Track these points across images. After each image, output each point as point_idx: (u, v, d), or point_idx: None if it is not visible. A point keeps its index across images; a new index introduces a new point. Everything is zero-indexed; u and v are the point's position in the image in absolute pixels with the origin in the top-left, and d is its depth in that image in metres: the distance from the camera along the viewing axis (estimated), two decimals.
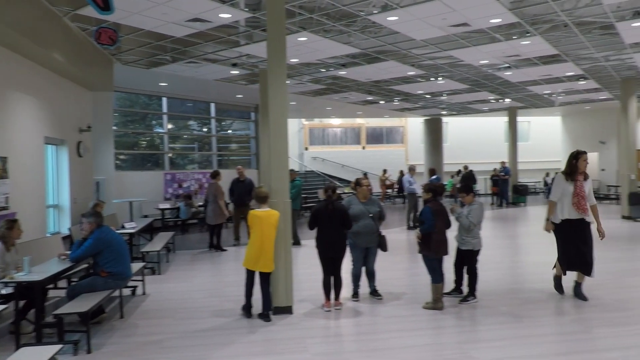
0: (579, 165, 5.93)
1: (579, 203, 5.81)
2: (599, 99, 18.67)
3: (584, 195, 5.84)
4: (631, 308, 5.73)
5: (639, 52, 11.06)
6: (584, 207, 5.82)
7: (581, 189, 5.84)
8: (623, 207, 14.46)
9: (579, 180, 5.88)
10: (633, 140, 14.58)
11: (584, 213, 5.84)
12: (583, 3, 7.80)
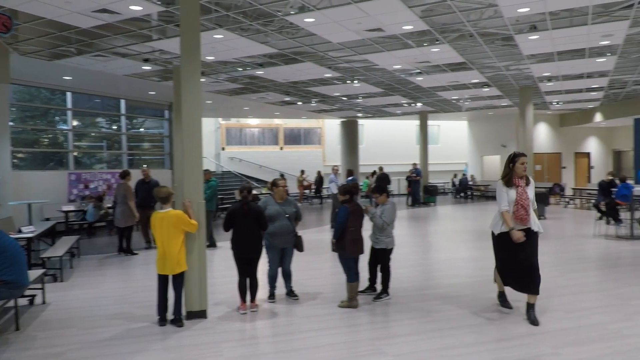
0: (517, 169, 5.28)
1: (517, 212, 5.20)
2: (500, 105, 20.03)
3: (527, 204, 5.20)
4: None
5: (535, 63, 11.99)
6: (526, 217, 5.19)
7: (523, 196, 5.21)
8: None
9: (521, 186, 5.26)
10: (530, 144, 15.79)
11: (524, 223, 5.22)
12: (486, 15, 8.32)
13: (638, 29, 9.15)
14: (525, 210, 5.19)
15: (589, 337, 4.84)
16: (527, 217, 5.21)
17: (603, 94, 17.55)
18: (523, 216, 5.19)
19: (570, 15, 8.38)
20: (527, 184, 5.31)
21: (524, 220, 5.21)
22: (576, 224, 13.58)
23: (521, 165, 5.25)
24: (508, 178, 5.32)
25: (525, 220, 5.21)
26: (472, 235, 12.16)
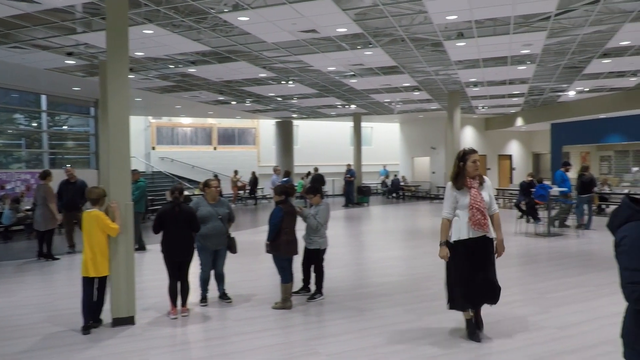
0: (468, 168, 4.62)
1: (474, 217, 4.52)
2: (430, 108, 20.76)
3: (483, 207, 4.55)
4: None
5: (462, 68, 12.52)
6: (484, 222, 4.54)
7: (477, 199, 4.56)
8: None
9: (474, 187, 4.62)
10: (457, 146, 16.45)
11: (483, 229, 4.57)
12: (417, 21, 8.58)
13: (554, 39, 9.78)
14: (483, 215, 4.53)
15: (510, 329, 5.10)
16: (485, 222, 4.56)
17: (524, 100, 18.64)
18: (481, 221, 4.52)
19: (494, 25, 8.82)
20: (482, 184, 4.69)
21: (483, 225, 4.55)
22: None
23: (472, 163, 4.60)
24: (458, 179, 4.64)
25: (484, 225, 4.56)
26: (403, 234, 12.50)
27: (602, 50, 10.69)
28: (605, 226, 2.36)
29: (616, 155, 21.74)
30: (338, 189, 25.26)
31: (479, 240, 4.62)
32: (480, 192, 4.62)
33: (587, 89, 16.08)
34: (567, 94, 17.29)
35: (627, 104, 16.78)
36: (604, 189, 15.80)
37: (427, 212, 18.06)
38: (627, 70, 13.01)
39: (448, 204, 4.69)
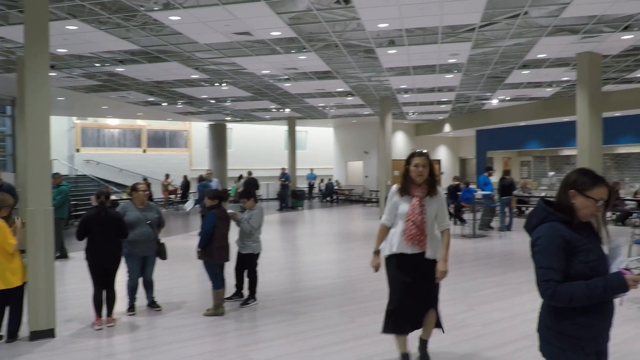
0: (411, 173, 3.98)
1: (408, 231, 3.89)
2: (363, 114, 21.17)
3: (420, 221, 3.89)
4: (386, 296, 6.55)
5: (394, 75, 12.87)
6: (419, 238, 3.88)
7: (416, 210, 3.90)
8: (381, 208, 16.64)
9: (416, 196, 3.95)
10: (389, 151, 16.91)
11: (419, 246, 3.91)
12: (350, 27, 8.73)
13: (479, 50, 10.28)
14: (419, 229, 3.89)
15: None
16: (422, 239, 3.91)
17: (451, 107, 19.45)
18: (415, 237, 3.89)
19: (423, 34, 9.14)
20: (432, 195, 3.98)
21: (419, 242, 3.90)
22: None
23: (414, 167, 3.95)
24: (403, 184, 4.03)
25: (420, 242, 3.91)
26: (337, 237, 12.64)
27: (521, 62, 11.37)
28: (523, 227, 2.50)
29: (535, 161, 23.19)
30: (273, 193, 25.16)
31: (416, 258, 3.94)
32: (422, 204, 3.93)
33: (508, 97, 17.04)
34: (490, 102, 18.23)
35: (544, 112, 17.96)
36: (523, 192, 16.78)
37: (361, 215, 18.38)
38: (543, 81, 13.91)
39: (387, 208, 4.13)
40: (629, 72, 12.66)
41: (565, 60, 11.21)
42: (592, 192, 2.25)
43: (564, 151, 20.89)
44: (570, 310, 2.20)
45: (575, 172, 2.35)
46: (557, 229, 2.24)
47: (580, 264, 2.19)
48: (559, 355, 2.25)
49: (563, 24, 8.56)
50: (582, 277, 2.17)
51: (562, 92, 15.82)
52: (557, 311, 2.25)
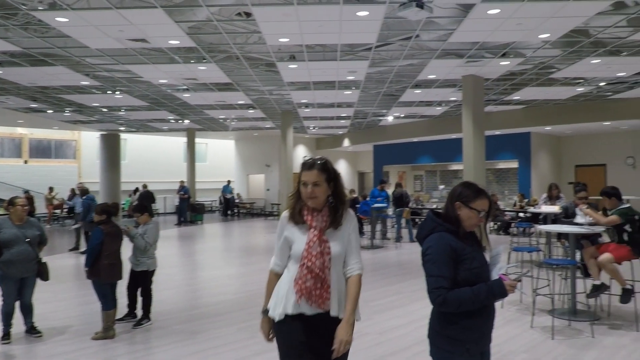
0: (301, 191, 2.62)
1: (301, 282, 2.53)
2: (265, 127, 21.18)
3: (321, 266, 2.54)
4: None
5: (295, 90, 13.04)
6: (319, 292, 2.54)
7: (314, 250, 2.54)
8: None
9: (314, 227, 2.59)
10: (290, 164, 17.04)
11: (318, 305, 2.55)
12: (252, 40, 8.72)
13: (375, 69, 10.75)
14: (318, 279, 2.52)
15: None
16: (321, 293, 2.54)
17: (350, 122, 20.10)
18: (311, 290, 2.52)
19: (323, 50, 9.37)
20: (337, 224, 2.61)
21: (314, 297, 2.53)
22: None
23: (303, 187, 2.59)
24: (293, 209, 2.66)
25: (318, 298, 2.54)
26: (238, 252, 12.43)
27: (414, 82, 12.07)
28: (414, 237, 2.63)
29: (427, 175, 24.61)
30: (170, 207, 24.21)
31: (318, 320, 2.56)
32: (324, 239, 2.55)
33: (402, 115, 17.98)
34: (386, 119, 19.12)
35: (435, 129, 19.20)
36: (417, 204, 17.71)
37: (262, 228, 18.27)
38: (434, 100, 14.88)
39: (277, 247, 2.70)
40: (507, 94, 13.95)
41: (452, 81, 12.08)
42: (475, 203, 2.41)
43: (453, 166, 22.40)
44: (456, 315, 2.34)
45: (460, 186, 2.51)
46: (446, 239, 2.38)
47: (465, 271, 2.33)
48: (447, 358, 2.38)
49: (450, 48, 9.23)
50: (467, 283, 2.31)
51: (450, 111, 17.02)
52: (444, 316, 2.38)
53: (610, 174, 19.02)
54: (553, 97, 14.42)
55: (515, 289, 2.32)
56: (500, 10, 7.16)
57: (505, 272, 2.39)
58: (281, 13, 7.19)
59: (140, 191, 19.18)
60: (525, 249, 7.47)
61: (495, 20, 7.60)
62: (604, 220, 5.74)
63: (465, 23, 7.70)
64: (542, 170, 19.07)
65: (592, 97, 14.64)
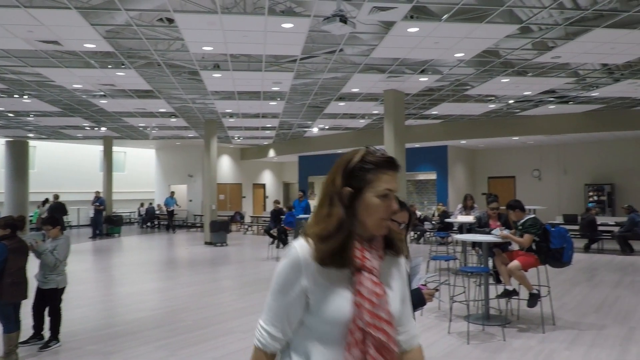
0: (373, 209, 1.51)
1: None
2: (188, 136, 20.64)
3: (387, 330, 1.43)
4: (210, 325, 6.37)
5: (219, 99, 12.83)
6: None
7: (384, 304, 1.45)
8: (206, 234, 16.26)
9: (368, 267, 1.46)
10: (214, 175, 16.70)
11: None
12: (174, 47, 8.48)
13: (300, 80, 10.83)
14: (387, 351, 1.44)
15: None
16: None
17: (275, 133, 20.08)
18: None
19: (248, 60, 9.31)
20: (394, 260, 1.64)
21: None
22: (254, 248, 14.93)
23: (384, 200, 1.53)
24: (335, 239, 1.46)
25: None
26: (157, 265, 11.95)
27: (338, 94, 12.30)
28: None
29: None
30: (85, 219, 22.88)
31: None
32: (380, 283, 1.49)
33: (327, 126, 18.24)
34: (311, 130, 19.31)
35: (358, 141, 19.61)
36: None
37: (184, 241, 17.72)
38: (357, 113, 15.23)
39: (277, 304, 1.52)
40: (426, 109, 14.58)
41: (375, 95, 12.45)
42: (396, 216, 2.47)
43: None
44: None
45: None
46: None
47: None
48: None
49: (372, 63, 9.50)
50: None
51: (373, 124, 17.50)
52: None
53: (519, 185, 20.40)
54: (468, 112, 15.26)
55: (433, 297, 2.39)
56: (419, 29, 7.49)
57: (425, 282, 2.46)
58: (205, 21, 7.06)
59: (50, 202, 17.98)
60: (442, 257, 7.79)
61: (414, 38, 7.93)
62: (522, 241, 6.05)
63: (387, 39, 7.97)
64: (458, 181, 20.07)
65: (503, 114, 15.66)
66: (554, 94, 12.60)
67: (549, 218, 14.95)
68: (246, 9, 6.77)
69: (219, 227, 15.79)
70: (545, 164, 19.81)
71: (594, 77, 10.82)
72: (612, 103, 13.91)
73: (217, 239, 15.72)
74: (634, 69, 10.11)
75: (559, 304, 7.14)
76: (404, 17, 7.02)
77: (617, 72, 10.46)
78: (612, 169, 18.24)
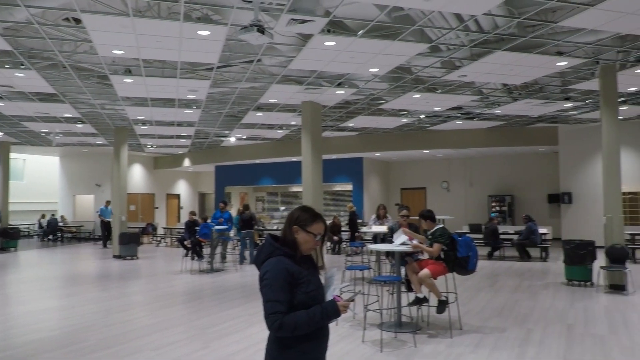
0: None
1: None
2: (96, 143, 19.54)
3: None
4: (117, 344, 6.00)
5: (131, 105, 12.28)
6: None
7: None
8: (114, 246, 15.39)
9: None
10: (124, 184, 15.90)
11: None
12: (82, 49, 8.01)
13: (217, 89, 10.65)
14: None
15: None
16: None
17: (191, 142, 19.55)
18: None
19: (162, 66, 9.00)
20: None
21: None
22: (166, 261, 14.35)
23: None
24: None
25: None
26: (59, 281, 11.12)
27: (256, 104, 12.23)
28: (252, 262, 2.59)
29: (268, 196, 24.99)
30: None
31: None
32: None
33: (245, 136, 18.06)
34: (228, 140, 19.02)
35: (276, 152, 19.65)
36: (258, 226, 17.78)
37: (90, 254, 16.67)
38: (275, 124, 15.23)
39: None
40: (343, 121, 14.90)
41: (293, 106, 12.53)
42: (312, 227, 2.48)
43: (293, 188, 23.10)
44: (292, 340, 2.35)
45: (298, 210, 2.56)
46: (283, 263, 2.38)
47: (302, 294, 2.36)
48: None
49: (290, 74, 9.57)
50: (303, 307, 2.34)
51: (291, 135, 17.59)
52: (281, 341, 2.37)
53: (429, 196, 21.39)
54: (382, 125, 15.80)
55: (348, 308, 2.41)
56: (335, 43, 7.65)
57: (340, 293, 2.48)
58: (116, 24, 6.75)
59: None
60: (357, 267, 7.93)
61: (331, 52, 8.09)
62: (431, 250, 6.32)
63: (304, 52, 8.06)
64: (373, 192, 20.66)
65: (414, 128, 16.38)
66: (460, 110, 13.39)
67: (456, 227, 15.79)
68: (160, 13, 6.56)
69: (129, 239, 15.03)
70: (453, 176, 20.96)
71: (496, 96, 11.64)
72: (512, 120, 15.04)
73: (126, 252, 14.94)
74: (530, 89, 11.00)
75: (465, 309, 7.52)
76: (321, 31, 7.15)
77: (515, 92, 11.33)
78: (512, 181, 19.67)
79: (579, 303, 7.99)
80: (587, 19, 6.81)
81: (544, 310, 7.52)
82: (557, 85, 10.68)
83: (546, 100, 12.08)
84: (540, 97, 11.71)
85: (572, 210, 16.10)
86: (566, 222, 16.20)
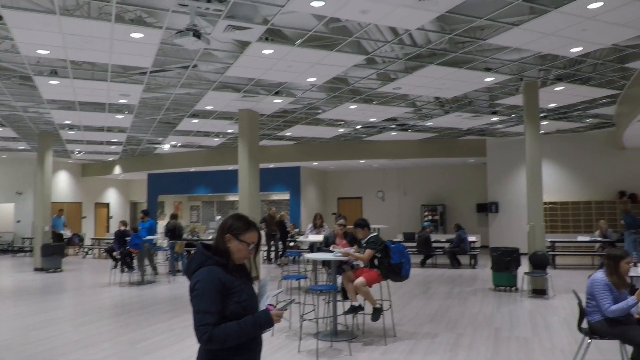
0: None
1: None
2: (17, 148, 18.35)
3: None
4: None
5: (57, 109, 11.63)
6: None
7: None
8: (36, 259, 14.45)
9: None
10: (48, 192, 15.00)
11: None
12: (2, 48, 7.51)
13: (151, 94, 10.32)
14: None
15: None
16: None
17: (122, 149, 18.79)
18: None
19: (92, 69, 8.61)
20: None
21: None
22: (94, 273, 13.64)
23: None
24: None
25: None
26: None
27: (191, 111, 11.96)
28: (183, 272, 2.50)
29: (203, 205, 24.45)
30: None
31: None
32: None
33: (179, 144, 17.60)
34: (162, 147, 18.46)
35: (212, 160, 19.28)
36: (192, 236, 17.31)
37: (9, 267, 15.56)
38: (211, 131, 14.96)
39: None
40: (280, 130, 14.88)
41: (230, 114, 12.37)
42: (245, 236, 2.42)
43: (230, 197, 22.75)
44: (223, 352, 2.27)
45: (231, 218, 2.50)
46: (215, 273, 2.31)
47: (234, 304, 2.30)
48: None
49: (227, 81, 9.44)
50: (235, 317, 2.27)
51: (227, 143, 17.34)
52: (211, 354, 2.29)
53: (365, 205, 21.75)
54: (319, 135, 15.92)
55: (281, 317, 2.37)
56: (273, 51, 7.64)
57: (275, 302, 2.43)
58: (41, 22, 6.38)
59: None
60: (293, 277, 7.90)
61: (269, 60, 8.06)
62: (362, 256, 6.41)
63: (242, 59, 7.99)
64: (310, 201, 20.73)
65: (351, 138, 16.64)
66: (395, 122, 13.75)
67: (391, 236, 16.14)
68: (90, 13, 6.27)
69: (52, 250, 14.15)
70: (388, 186, 21.45)
71: (429, 108, 12.06)
72: (444, 132, 15.63)
73: (49, 265, 14.04)
74: (460, 103, 11.49)
75: (399, 316, 7.67)
76: (259, 39, 7.11)
77: (447, 105, 11.80)
78: (443, 191, 20.39)
79: (505, 307, 8.36)
80: (511, 37, 7.21)
81: (473, 315, 7.81)
82: (485, 100, 11.23)
83: (475, 113, 12.66)
84: (470, 110, 12.25)
85: (498, 219, 16.91)
86: (493, 231, 16.99)
